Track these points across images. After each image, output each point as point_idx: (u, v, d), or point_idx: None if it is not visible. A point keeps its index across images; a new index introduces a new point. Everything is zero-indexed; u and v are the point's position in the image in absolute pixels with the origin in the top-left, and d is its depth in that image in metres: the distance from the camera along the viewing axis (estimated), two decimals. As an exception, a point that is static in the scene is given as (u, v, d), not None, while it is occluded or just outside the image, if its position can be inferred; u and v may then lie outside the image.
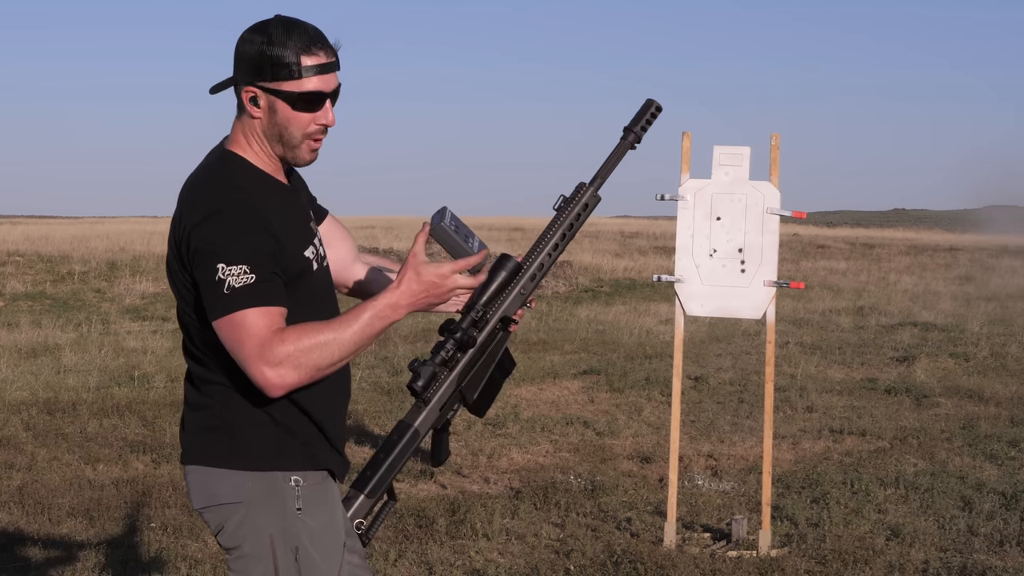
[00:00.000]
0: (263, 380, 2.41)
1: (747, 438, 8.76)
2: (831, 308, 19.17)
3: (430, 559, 5.65)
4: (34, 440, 8.22)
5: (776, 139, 6.20)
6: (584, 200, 2.75)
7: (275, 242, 2.49)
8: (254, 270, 2.43)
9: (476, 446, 8.35)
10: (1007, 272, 28.47)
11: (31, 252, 24.13)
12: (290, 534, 2.54)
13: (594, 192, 2.76)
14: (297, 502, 2.56)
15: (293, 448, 2.57)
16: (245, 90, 2.57)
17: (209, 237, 2.45)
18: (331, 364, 2.45)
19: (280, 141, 2.58)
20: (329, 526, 2.60)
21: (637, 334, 15.37)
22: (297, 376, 2.42)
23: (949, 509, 6.64)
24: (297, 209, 2.66)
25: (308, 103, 2.55)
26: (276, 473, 2.56)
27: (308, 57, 2.53)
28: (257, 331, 2.41)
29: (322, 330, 2.44)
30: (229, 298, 2.42)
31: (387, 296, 2.49)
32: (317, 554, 2.56)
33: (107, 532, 6.07)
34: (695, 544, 6.04)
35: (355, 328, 2.46)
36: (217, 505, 2.56)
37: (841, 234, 45.54)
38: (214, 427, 2.58)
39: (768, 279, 6.17)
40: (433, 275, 2.50)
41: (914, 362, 12.62)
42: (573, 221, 2.75)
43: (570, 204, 2.75)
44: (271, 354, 2.40)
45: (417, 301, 2.51)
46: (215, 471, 2.57)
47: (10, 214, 75.52)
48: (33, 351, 12.94)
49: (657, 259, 28.82)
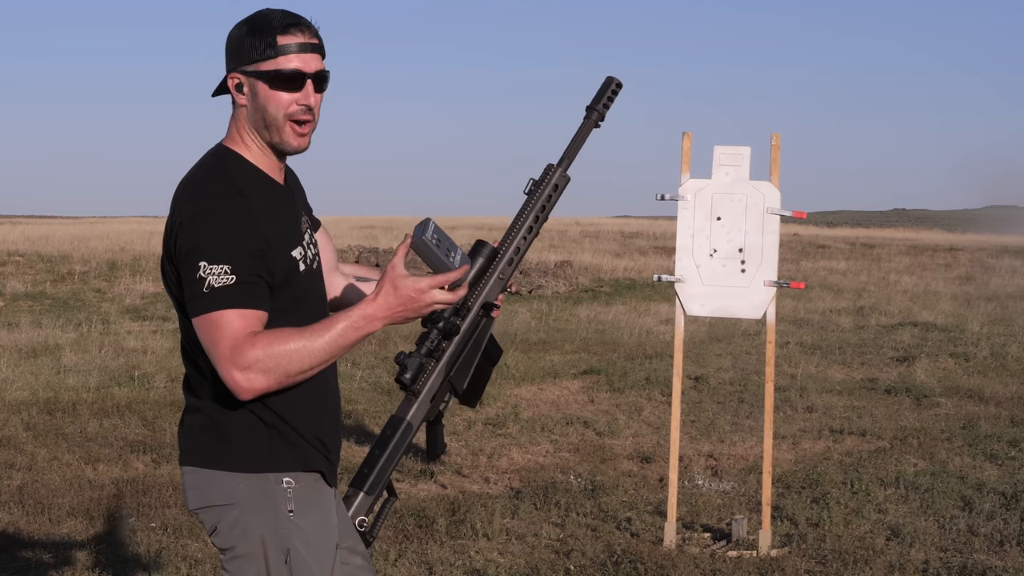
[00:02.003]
0: (232, 382, 2.42)
1: (747, 438, 8.76)
2: (831, 308, 19.16)
3: (430, 559, 5.65)
4: (34, 440, 8.22)
5: (776, 139, 6.20)
6: (554, 181, 2.76)
7: (262, 242, 2.49)
8: (235, 271, 2.44)
9: (476, 446, 8.35)
10: (1007, 272, 28.47)
11: (31, 252, 24.13)
12: (281, 536, 2.55)
13: (563, 172, 2.77)
14: (289, 504, 2.56)
15: (284, 450, 2.58)
16: (230, 77, 2.60)
17: (194, 235, 2.46)
18: (301, 372, 2.45)
19: (264, 126, 2.59)
20: (321, 528, 2.60)
21: (637, 334, 15.36)
22: (266, 381, 2.42)
23: (949, 509, 6.64)
24: (289, 208, 2.66)
25: (286, 81, 2.56)
26: (268, 475, 2.56)
27: (285, 37, 2.55)
28: (232, 333, 2.41)
29: (294, 337, 2.43)
30: (208, 297, 2.43)
31: (363, 308, 2.48)
32: (309, 556, 2.57)
33: (107, 532, 6.07)
34: (695, 544, 6.04)
35: (328, 338, 2.45)
36: (211, 506, 2.58)
37: (841, 234, 45.52)
38: (206, 428, 2.60)
39: (768, 279, 6.17)
40: (411, 289, 2.48)
41: (914, 362, 12.62)
42: (545, 203, 2.76)
43: (540, 186, 2.76)
44: (241, 357, 2.40)
45: (394, 314, 2.49)
46: (209, 472, 2.58)
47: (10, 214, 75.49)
48: (33, 351, 12.94)
49: (657, 259, 28.82)
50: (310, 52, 2.58)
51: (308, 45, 2.57)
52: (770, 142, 6.20)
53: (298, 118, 2.59)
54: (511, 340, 14.31)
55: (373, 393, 10.28)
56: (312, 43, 2.58)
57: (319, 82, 2.60)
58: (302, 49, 2.56)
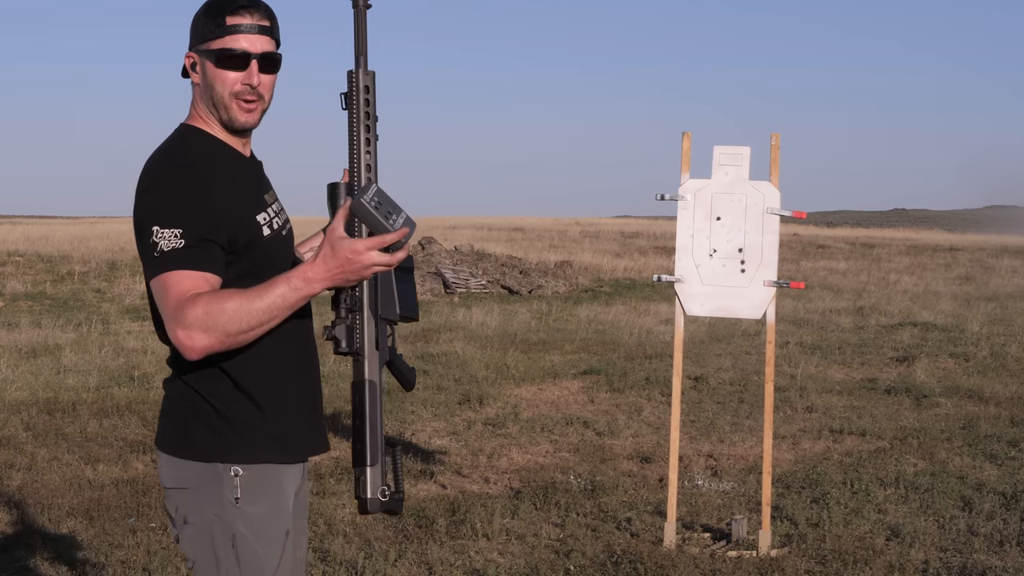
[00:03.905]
0: (176, 341, 2.47)
1: (747, 438, 8.76)
2: (831, 308, 19.17)
3: (430, 559, 5.65)
4: (34, 440, 8.22)
5: (776, 139, 6.20)
6: (362, 84, 2.68)
7: (215, 207, 2.55)
8: (185, 235, 2.50)
9: (476, 446, 8.35)
10: (1007, 272, 28.48)
11: (31, 252, 24.14)
12: (227, 523, 2.62)
13: (365, 71, 2.69)
14: (236, 492, 2.62)
15: (233, 441, 2.63)
16: (186, 56, 2.69)
17: (149, 203, 2.55)
18: (241, 331, 2.48)
19: (213, 104, 2.66)
20: (272, 514, 2.66)
21: (637, 334, 15.36)
22: (207, 340, 2.45)
23: (949, 509, 6.64)
24: (253, 177, 2.73)
25: (230, 60, 2.63)
26: (217, 464, 2.62)
27: (233, 17, 2.62)
28: (178, 293, 2.47)
29: (234, 297, 2.48)
30: (158, 260, 2.50)
31: (302, 270, 2.51)
32: (256, 542, 2.63)
33: (107, 532, 6.06)
34: (695, 544, 6.04)
35: (268, 299, 2.49)
36: (170, 488, 2.69)
37: (841, 234, 45.54)
38: (167, 414, 2.70)
39: (768, 279, 6.17)
40: (348, 250, 2.49)
41: (914, 362, 12.62)
42: (366, 109, 2.68)
43: (352, 95, 2.68)
44: (183, 316, 2.45)
45: (333, 275, 2.51)
46: (167, 458, 2.69)
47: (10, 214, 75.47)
48: (33, 351, 12.94)
49: (657, 259, 28.82)
50: (258, 33, 2.64)
51: (257, 26, 2.64)
52: (770, 142, 6.20)
53: (243, 97, 2.65)
54: (511, 340, 14.31)
55: (373, 393, 10.27)
56: (262, 24, 2.65)
57: (266, 63, 2.66)
58: (250, 30, 2.63)
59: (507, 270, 23.40)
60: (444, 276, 22.19)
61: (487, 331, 15.30)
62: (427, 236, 25.79)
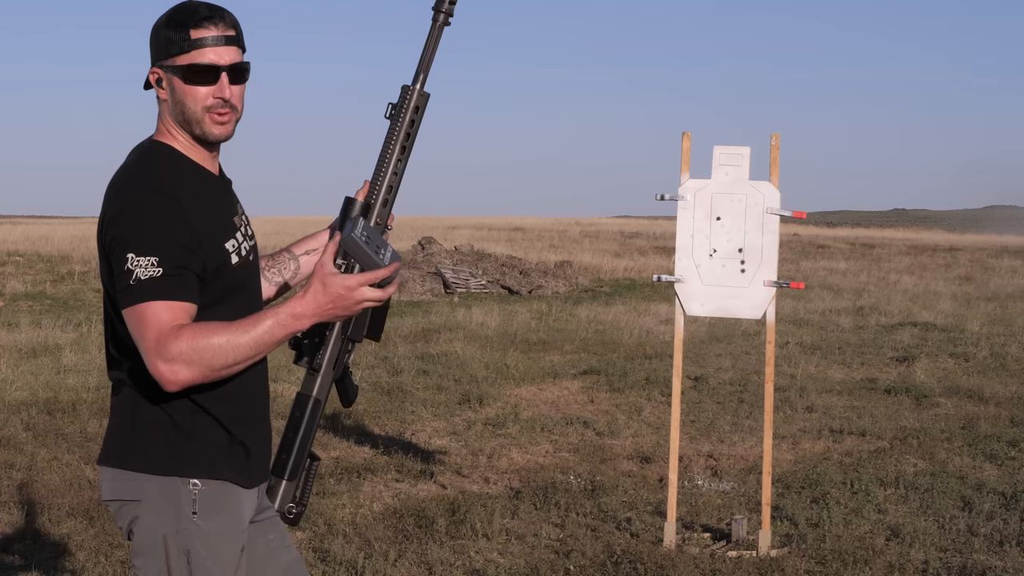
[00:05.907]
0: (157, 374, 2.42)
1: (747, 438, 8.76)
2: (831, 308, 19.17)
3: (430, 559, 5.65)
4: (34, 440, 8.22)
5: (776, 139, 6.20)
6: (413, 103, 2.65)
7: (191, 234, 2.49)
8: (162, 263, 2.44)
9: (476, 446, 8.35)
10: (1007, 272, 28.48)
11: (31, 252, 24.15)
12: (183, 537, 2.56)
13: (420, 91, 2.65)
14: (193, 506, 2.56)
15: (192, 455, 2.57)
16: (151, 72, 2.61)
17: (122, 227, 2.47)
18: (226, 366, 2.45)
19: (184, 120, 2.59)
20: (227, 531, 2.60)
21: (637, 334, 15.36)
22: (190, 374, 2.42)
23: (949, 509, 6.64)
24: (223, 199, 2.67)
25: (199, 75, 2.56)
26: (175, 478, 2.57)
27: (197, 30, 2.55)
28: (158, 325, 2.42)
29: (220, 331, 2.44)
30: (134, 289, 2.44)
31: (291, 305, 2.48)
32: (209, 559, 2.57)
33: (107, 532, 6.06)
34: (695, 544, 6.04)
35: (254, 334, 2.46)
36: (119, 500, 2.60)
37: (841, 234, 45.56)
38: (117, 427, 2.62)
39: (768, 279, 6.17)
40: (340, 287, 2.48)
41: (914, 362, 12.62)
42: (408, 129, 2.65)
43: (401, 111, 2.64)
44: (166, 350, 2.40)
45: (323, 311, 2.49)
46: (118, 471, 2.60)
47: (10, 214, 75.48)
48: (33, 351, 12.94)
49: (657, 259, 28.84)
50: (225, 45, 2.57)
51: (223, 38, 2.57)
52: (770, 142, 6.20)
53: (216, 111, 2.59)
54: (511, 340, 14.30)
55: (372, 393, 10.27)
56: (228, 35, 2.58)
57: (236, 74, 2.60)
58: (216, 42, 2.56)
59: (507, 270, 23.41)
60: (444, 276, 22.20)
61: (487, 331, 15.30)
62: (427, 236, 25.80)
